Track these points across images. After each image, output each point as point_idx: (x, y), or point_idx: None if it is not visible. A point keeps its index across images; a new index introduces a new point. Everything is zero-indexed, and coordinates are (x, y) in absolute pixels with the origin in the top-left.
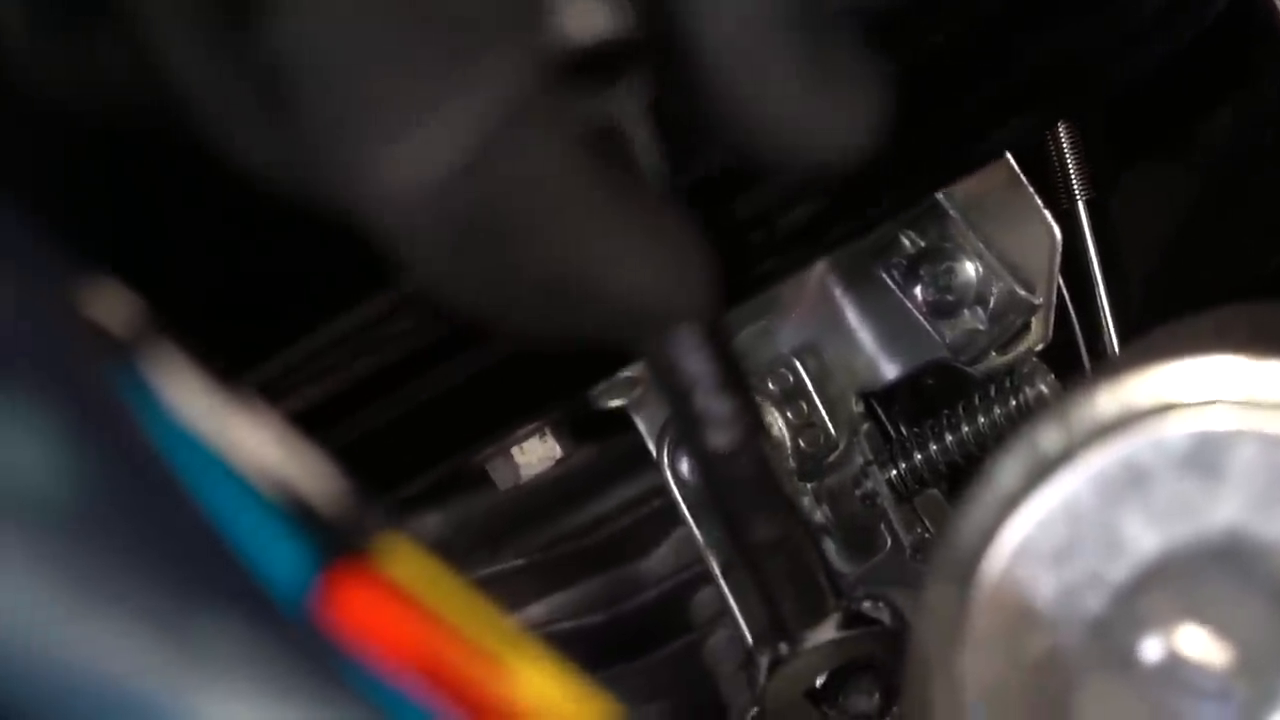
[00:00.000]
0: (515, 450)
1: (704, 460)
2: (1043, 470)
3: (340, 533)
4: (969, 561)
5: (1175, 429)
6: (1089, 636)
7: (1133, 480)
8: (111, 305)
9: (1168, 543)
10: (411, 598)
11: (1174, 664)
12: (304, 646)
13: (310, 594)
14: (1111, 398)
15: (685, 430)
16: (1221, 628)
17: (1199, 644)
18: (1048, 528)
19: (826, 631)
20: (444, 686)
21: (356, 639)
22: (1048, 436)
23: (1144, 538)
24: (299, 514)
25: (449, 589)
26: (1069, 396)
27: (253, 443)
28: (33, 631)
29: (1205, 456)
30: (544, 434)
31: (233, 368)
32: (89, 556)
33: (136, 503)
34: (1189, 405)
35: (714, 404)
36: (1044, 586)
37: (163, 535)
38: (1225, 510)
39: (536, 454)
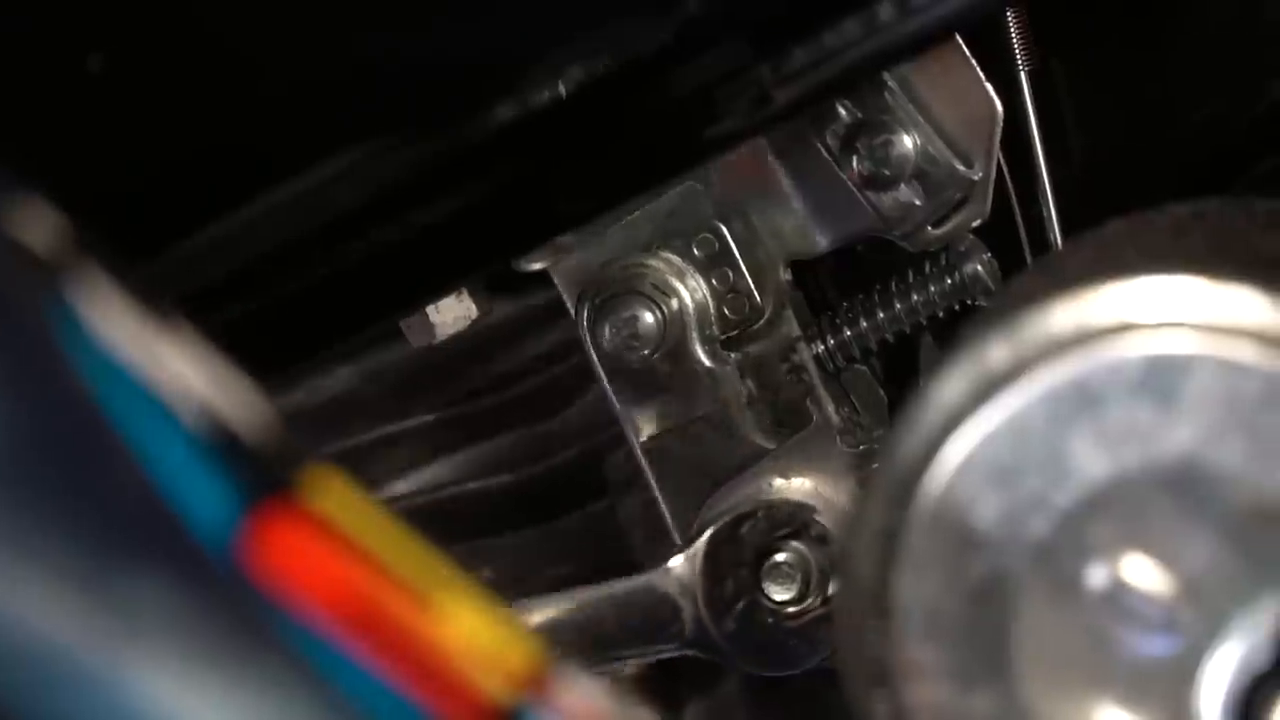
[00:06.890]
0: (430, 309)
1: None
2: (989, 386)
3: (267, 466)
4: (908, 479)
5: (1131, 350)
6: (1031, 562)
7: (1084, 401)
8: (37, 224)
9: (1117, 468)
10: (340, 535)
11: (1118, 592)
12: (230, 601)
13: (237, 536)
14: (1066, 313)
15: None
16: (1169, 557)
17: (1145, 573)
18: (992, 446)
19: None
20: (374, 631)
21: (284, 584)
22: (996, 351)
23: (1093, 462)
24: (225, 446)
25: (377, 522)
26: (1019, 309)
27: (178, 368)
28: None
29: (1161, 381)
30: (460, 293)
31: (179, 231)
32: (13, 511)
33: (65, 452)
34: (1146, 326)
35: None
36: (986, 508)
37: (90, 487)
38: (1179, 437)
39: (452, 313)
